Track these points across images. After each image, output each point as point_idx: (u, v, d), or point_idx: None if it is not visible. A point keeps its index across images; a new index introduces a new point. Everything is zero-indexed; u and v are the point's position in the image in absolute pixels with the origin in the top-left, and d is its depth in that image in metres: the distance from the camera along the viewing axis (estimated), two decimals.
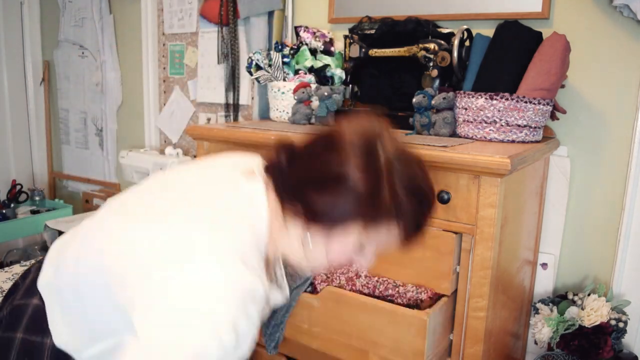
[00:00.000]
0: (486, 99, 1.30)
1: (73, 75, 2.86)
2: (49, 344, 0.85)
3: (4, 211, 2.61)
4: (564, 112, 1.48)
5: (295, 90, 1.64)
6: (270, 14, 2.03)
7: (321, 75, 1.74)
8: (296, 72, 1.76)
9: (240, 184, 0.83)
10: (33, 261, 2.01)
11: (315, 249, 0.81)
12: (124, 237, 0.79)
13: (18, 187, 2.79)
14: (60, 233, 2.37)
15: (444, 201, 1.15)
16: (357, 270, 1.28)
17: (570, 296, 1.48)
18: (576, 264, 1.61)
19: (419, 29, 1.57)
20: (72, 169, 3.01)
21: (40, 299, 0.87)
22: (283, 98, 1.72)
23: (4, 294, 1.71)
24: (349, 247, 0.82)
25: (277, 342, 1.31)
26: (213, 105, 2.32)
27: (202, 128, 1.55)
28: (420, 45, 1.50)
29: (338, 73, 1.74)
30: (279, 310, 1.28)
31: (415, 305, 1.20)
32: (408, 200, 0.77)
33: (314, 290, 1.30)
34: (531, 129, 1.32)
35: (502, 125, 1.31)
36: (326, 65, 1.74)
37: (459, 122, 1.38)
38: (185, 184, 0.86)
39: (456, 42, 1.46)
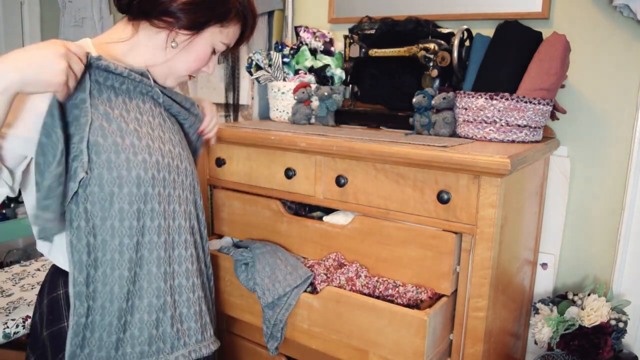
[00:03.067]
0: (486, 99, 1.30)
1: None
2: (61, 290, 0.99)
3: (4, 211, 2.61)
4: (564, 112, 1.48)
5: (295, 90, 1.64)
6: (270, 14, 2.03)
7: (321, 75, 1.74)
8: (296, 72, 1.76)
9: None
10: (34, 262, 2.01)
11: (180, 55, 0.98)
12: None
13: None
14: None
15: (444, 201, 1.15)
16: (357, 270, 1.28)
17: (570, 296, 1.48)
18: (576, 264, 1.61)
19: (419, 29, 1.57)
20: None
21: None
22: (283, 98, 1.72)
23: (3, 294, 1.71)
24: (208, 49, 0.99)
25: (279, 342, 1.31)
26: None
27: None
28: (420, 45, 1.50)
29: (338, 73, 1.74)
30: (278, 309, 1.28)
31: (415, 305, 1.20)
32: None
33: (314, 290, 1.30)
34: (531, 129, 1.32)
35: (502, 125, 1.31)
36: (326, 65, 1.74)
37: (459, 122, 1.38)
38: None
39: (456, 42, 1.46)
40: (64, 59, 0.79)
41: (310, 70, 1.75)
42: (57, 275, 0.99)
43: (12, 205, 2.69)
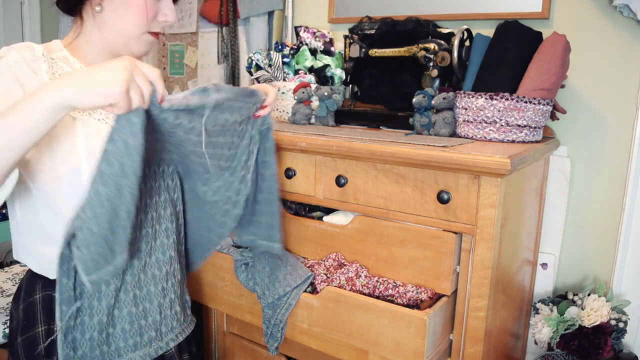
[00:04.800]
0: (486, 99, 1.30)
1: None
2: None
3: (4, 211, 2.61)
4: (564, 112, 1.48)
5: (295, 90, 1.64)
6: (270, 14, 2.03)
7: (321, 75, 1.74)
8: (296, 72, 1.76)
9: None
10: None
11: (118, 16, 0.96)
12: None
13: None
14: None
15: (444, 201, 1.15)
16: (357, 270, 1.28)
17: (570, 296, 1.48)
18: (576, 264, 1.61)
19: (419, 29, 1.57)
20: None
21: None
22: (283, 98, 1.72)
23: (3, 294, 1.71)
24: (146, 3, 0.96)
25: (278, 342, 1.31)
26: None
27: None
28: (420, 45, 1.50)
29: (338, 73, 1.74)
30: (279, 309, 1.28)
31: (415, 305, 1.20)
32: None
33: (314, 290, 1.30)
34: (531, 129, 1.32)
35: (502, 125, 1.31)
36: (326, 65, 1.74)
37: (459, 122, 1.38)
38: None
39: (456, 42, 1.46)
40: (126, 70, 0.74)
41: (310, 70, 1.75)
42: (33, 280, 0.99)
43: None
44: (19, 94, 0.86)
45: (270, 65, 1.76)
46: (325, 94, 1.58)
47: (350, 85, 1.75)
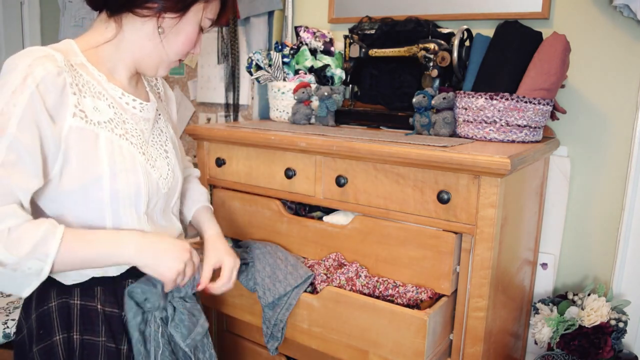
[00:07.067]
0: (486, 99, 1.30)
1: None
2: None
3: None
4: (564, 112, 1.48)
5: (295, 90, 1.64)
6: (270, 14, 2.03)
7: (321, 75, 1.74)
8: (296, 72, 1.76)
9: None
10: None
11: (169, 39, 0.95)
12: None
13: None
14: None
15: (444, 201, 1.15)
16: (357, 270, 1.28)
17: (570, 296, 1.48)
18: (576, 264, 1.61)
19: (419, 29, 1.57)
20: None
21: None
22: (283, 98, 1.72)
23: (3, 294, 1.71)
24: (195, 28, 0.97)
25: (279, 342, 1.31)
26: (213, 105, 2.32)
27: (202, 128, 1.55)
28: (420, 45, 1.50)
29: (338, 73, 1.74)
30: (279, 308, 1.28)
31: (415, 305, 1.20)
32: None
33: (314, 290, 1.30)
34: (531, 129, 1.32)
35: (502, 125, 1.31)
36: (326, 65, 1.74)
37: (459, 122, 1.38)
38: None
39: (456, 42, 1.46)
40: (183, 262, 0.93)
41: (310, 70, 1.75)
42: (46, 288, 0.93)
43: None
44: (48, 131, 0.83)
45: (270, 65, 1.76)
46: (325, 94, 1.58)
47: (350, 85, 1.75)
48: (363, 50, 1.63)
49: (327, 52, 1.78)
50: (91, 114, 0.90)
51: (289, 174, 1.38)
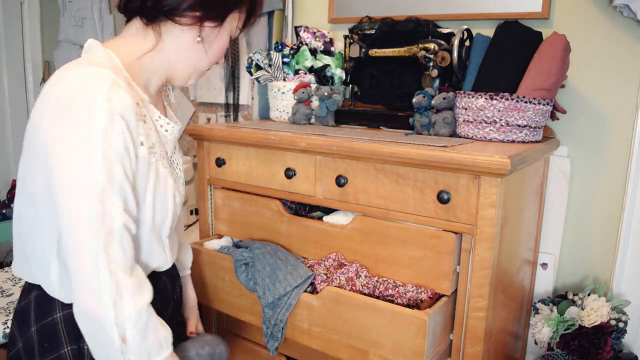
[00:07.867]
0: (486, 99, 1.30)
1: None
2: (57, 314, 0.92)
3: (4, 211, 2.61)
4: (564, 112, 1.48)
5: (295, 90, 1.64)
6: (270, 13, 2.03)
7: (321, 75, 1.74)
8: (296, 72, 1.76)
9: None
10: None
11: (208, 47, 0.94)
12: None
13: None
14: None
15: (444, 201, 1.15)
16: (357, 270, 1.28)
17: (570, 296, 1.48)
18: (576, 264, 1.61)
19: (419, 29, 1.57)
20: None
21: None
22: (283, 98, 1.72)
23: (3, 294, 1.71)
24: (228, 37, 0.97)
25: (279, 342, 1.31)
26: (213, 105, 2.32)
27: (202, 128, 1.55)
28: (420, 45, 1.50)
29: (338, 73, 1.74)
30: (279, 308, 1.28)
31: (415, 305, 1.20)
32: None
33: (314, 290, 1.30)
34: (531, 129, 1.32)
35: (502, 125, 1.31)
36: (326, 65, 1.74)
37: (459, 122, 1.38)
38: None
39: (456, 42, 1.46)
40: None
41: (310, 70, 1.75)
42: (47, 299, 0.90)
43: (12, 205, 2.69)
44: (130, 163, 0.82)
45: (270, 65, 1.76)
46: (325, 94, 1.58)
47: (350, 85, 1.75)
48: (363, 50, 1.63)
49: (327, 52, 1.78)
50: (147, 140, 0.87)
51: (289, 174, 1.38)
